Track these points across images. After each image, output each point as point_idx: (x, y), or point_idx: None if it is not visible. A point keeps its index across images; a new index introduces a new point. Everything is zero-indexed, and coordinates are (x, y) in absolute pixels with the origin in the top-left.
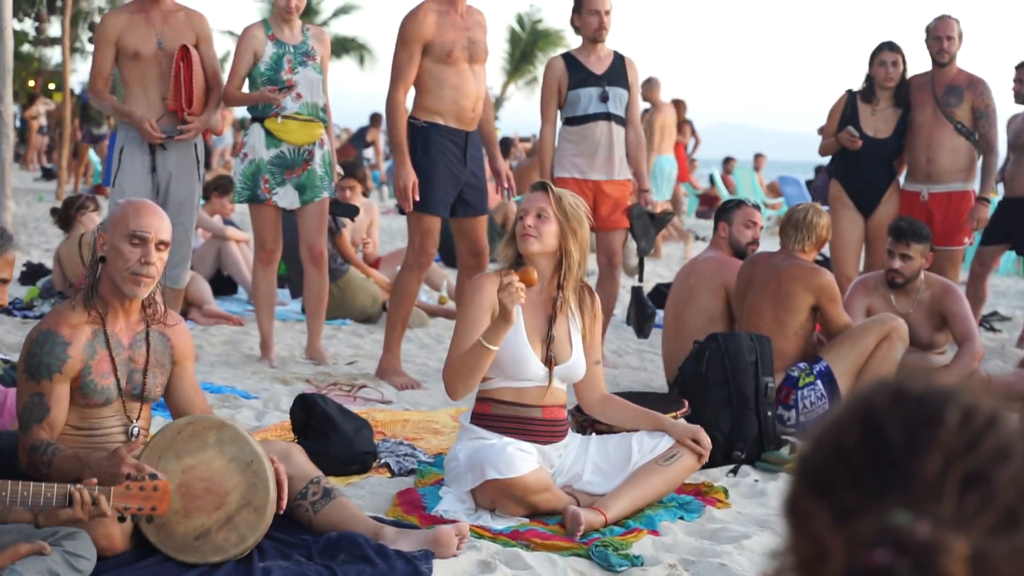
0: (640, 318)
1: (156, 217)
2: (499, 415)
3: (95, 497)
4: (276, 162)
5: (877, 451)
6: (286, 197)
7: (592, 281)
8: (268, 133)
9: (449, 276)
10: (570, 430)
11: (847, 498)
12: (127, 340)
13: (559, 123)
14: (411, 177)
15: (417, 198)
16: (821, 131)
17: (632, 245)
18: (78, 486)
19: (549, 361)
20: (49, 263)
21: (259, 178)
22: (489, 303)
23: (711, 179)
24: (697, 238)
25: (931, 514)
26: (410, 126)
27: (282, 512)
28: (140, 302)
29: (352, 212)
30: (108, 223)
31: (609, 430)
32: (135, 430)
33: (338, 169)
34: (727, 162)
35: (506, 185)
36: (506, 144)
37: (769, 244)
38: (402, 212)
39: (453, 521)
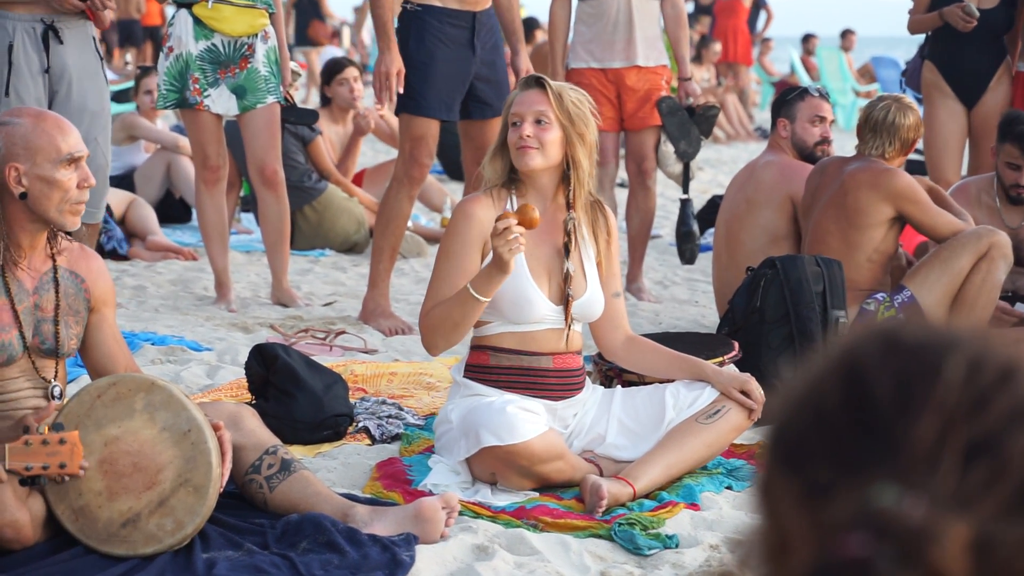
0: (679, 238)
1: (75, 131)
2: (499, 366)
3: None
4: (207, 57)
5: (860, 413)
6: (220, 101)
7: (623, 194)
8: (197, 21)
9: (453, 193)
10: (589, 381)
11: (821, 472)
12: (31, 284)
13: None
14: (396, 62)
15: (400, 89)
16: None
17: (668, 148)
18: None
19: (565, 299)
20: None
21: (187, 77)
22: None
23: (790, 62)
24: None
25: (924, 491)
26: (402, 11)
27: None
28: (45, 236)
29: (310, 118)
30: (18, 149)
31: (640, 381)
32: (56, 390)
33: (293, 67)
34: (807, 40)
35: None
36: (529, 26)
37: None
38: (396, 113)
39: None
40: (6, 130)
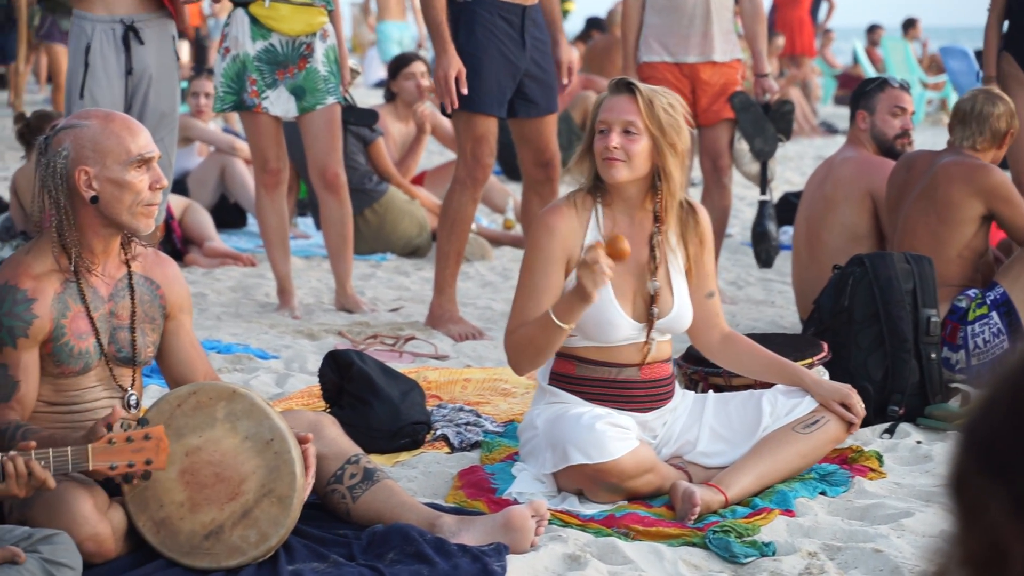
0: (755, 239)
1: (145, 131)
2: (585, 377)
3: (29, 465)
4: (264, 58)
5: None
6: (279, 103)
7: (697, 193)
8: (254, 21)
9: (515, 193)
10: (678, 387)
11: None
12: (106, 291)
13: None
14: (455, 64)
15: (464, 91)
16: None
17: (743, 146)
18: (11, 454)
19: (648, 315)
20: (7, 195)
21: (245, 78)
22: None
23: (853, 54)
24: (833, 131)
25: None
26: (449, 4)
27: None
28: (119, 241)
29: (370, 118)
30: (87, 152)
31: (726, 385)
32: (133, 399)
33: (352, 66)
34: (873, 31)
35: (565, 80)
36: (588, 25)
37: (931, 136)
38: (447, 113)
39: None
40: (74, 133)
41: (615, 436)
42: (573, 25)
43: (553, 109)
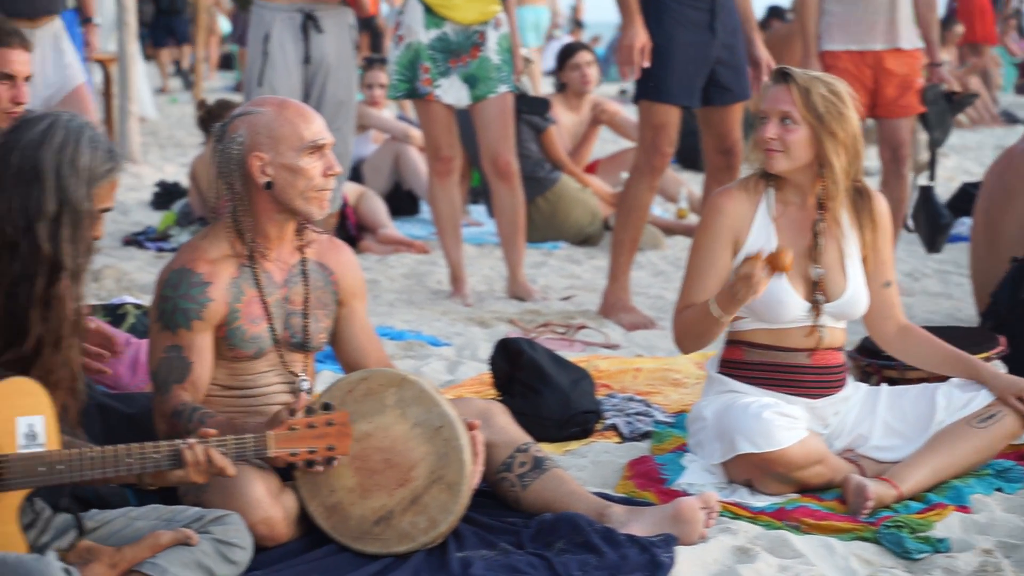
0: (931, 227)
1: (319, 118)
2: (754, 362)
3: (208, 453)
4: (438, 46)
5: None
6: (451, 91)
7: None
8: (428, 9)
9: (689, 183)
10: (850, 378)
11: None
12: (281, 277)
13: None
14: (641, 35)
15: (647, 64)
16: None
17: (921, 137)
18: (190, 441)
19: (814, 301)
20: (186, 181)
21: (418, 66)
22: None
23: None
24: (1014, 120)
25: None
26: None
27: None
28: (293, 227)
29: (542, 107)
30: (262, 138)
31: (900, 378)
32: (305, 384)
33: (524, 54)
34: None
35: (764, 77)
36: (768, 14)
37: None
38: (635, 100)
39: None
40: (249, 120)
41: (783, 425)
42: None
43: (746, 95)
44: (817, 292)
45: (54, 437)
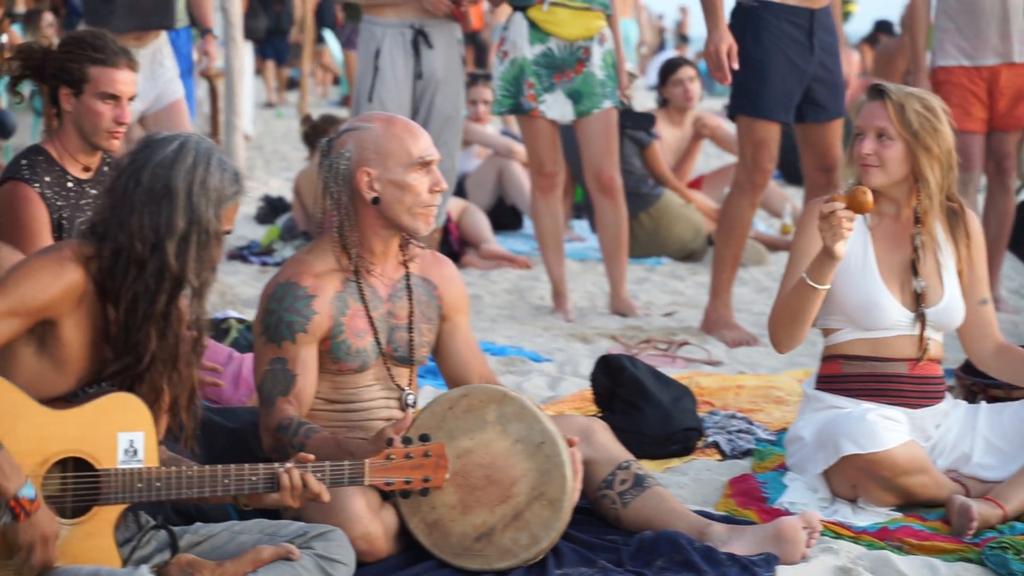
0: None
1: (425, 135)
2: (852, 374)
3: (304, 478)
4: (542, 62)
5: None
6: (555, 106)
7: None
8: (532, 25)
9: (793, 198)
10: (950, 396)
11: None
12: (385, 291)
13: None
14: (726, 39)
15: (735, 65)
16: None
17: None
18: (287, 465)
19: (919, 313)
20: (291, 196)
21: (522, 82)
22: None
23: None
24: None
25: None
26: (737, 7)
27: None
28: (397, 242)
29: (646, 122)
30: (370, 154)
31: (1007, 397)
32: (410, 398)
33: (629, 69)
34: None
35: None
36: (876, 29)
37: None
38: (731, 117)
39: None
40: (357, 135)
41: (887, 427)
42: (856, 27)
43: (841, 113)
44: (921, 304)
45: (153, 454)
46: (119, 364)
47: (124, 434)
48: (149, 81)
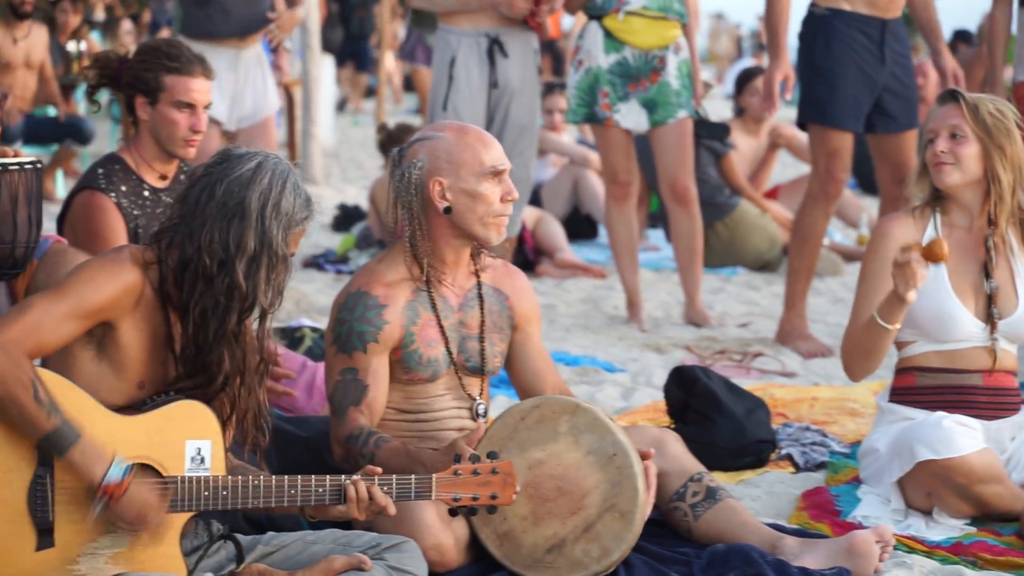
0: None
1: (497, 144)
2: (927, 386)
3: (371, 491)
4: (617, 71)
5: None
6: (630, 116)
7: None
8: (607, 34)
9: (869, 208)
10: None
11: None
12: (456, 301)
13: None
14: (782, 68)
15: (788, 97)
16: None
17: None
18: (354, 478)
19: (989, 316)
20: (366, 204)
21: (597, 91)
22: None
23: None
24: None
25: None
26: (808, 15)
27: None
28: (469, 252)
29: (721, 132)
30: (442, 163)
31: None
32: (481, 408)
33: (705, 79)
34: None
35: (952, 84)
36: (955, 37)
37: None
38: (802, 127)
39: None
40: (429, 145)
41: (963, 433)
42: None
43: (913, 124)
44: (992, 306)
45: (220, 462)
46: (191, 383)
47: (192, 442)
48: (252, 91)
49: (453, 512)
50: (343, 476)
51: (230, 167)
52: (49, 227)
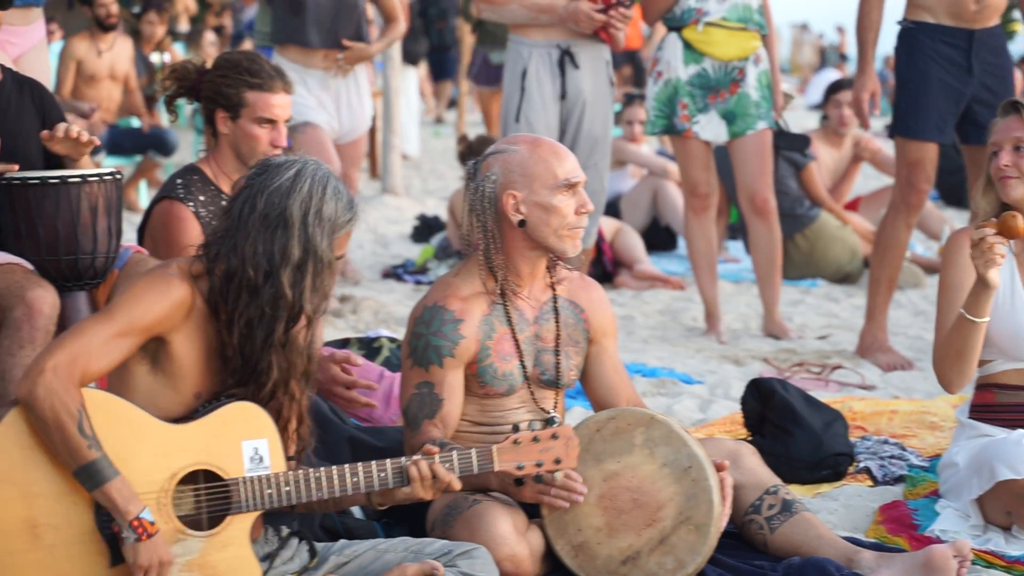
0: None
1: (571, 157)
2: (1005, 404)
3: (432, 468)
4: (696, 82)
5: None
6: (709, 127)
7: None
8: (687, 45)
9: (952, 220)
10: None
11: None
12: (532, 313)
13: None
14: (868, 85)
15: (877, 112)
16: None
17: None
18: (415, 458)
19: None
20: (446, 215)
21: (676, 103)
22: (973, 266)
23: None
24: None
25: None
26: (900, 31)
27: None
28: (544, 264)
29: (800, 144)
30: (516, 176)
31: None
32: (557, 420)
33: (786, 90)
34: None
35: None
36: None
37: None
38: (890, 136)
39: None
40: (503, 158)
41: None
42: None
43: None
44: None
45: (279, 459)
46: (243, 391)
47: (248, 442)
48: (348, 105)
49: (519, 482)
50: (403, 458)
51: (269, 178)
52: (131, 237)
